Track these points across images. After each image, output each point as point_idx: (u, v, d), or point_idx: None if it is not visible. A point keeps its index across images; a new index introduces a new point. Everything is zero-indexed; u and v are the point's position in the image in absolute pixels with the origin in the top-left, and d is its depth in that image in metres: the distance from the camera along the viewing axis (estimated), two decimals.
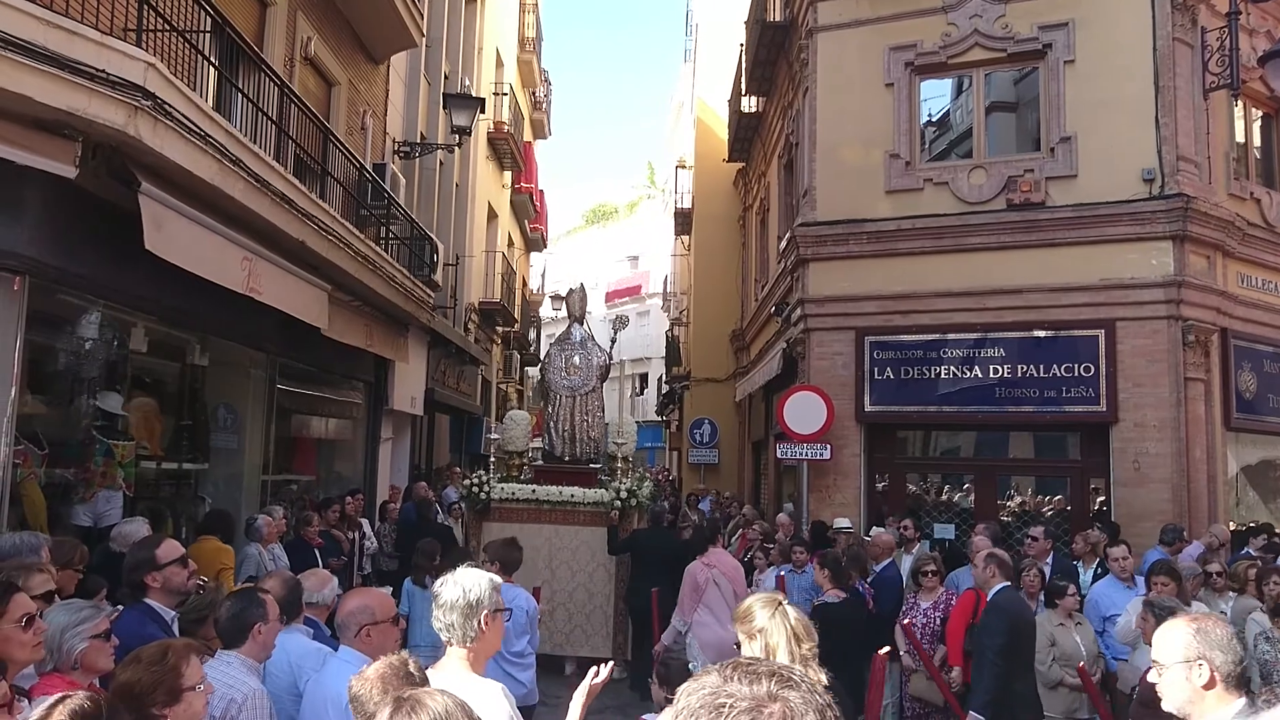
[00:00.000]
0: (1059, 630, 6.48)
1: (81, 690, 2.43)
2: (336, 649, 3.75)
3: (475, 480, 9.95)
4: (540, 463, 11.01)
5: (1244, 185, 11.41)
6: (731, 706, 1.19)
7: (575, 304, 11.31)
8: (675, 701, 1.26)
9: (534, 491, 9.87)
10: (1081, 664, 5.74)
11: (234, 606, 3.60)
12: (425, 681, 2.82)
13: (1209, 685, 2.75)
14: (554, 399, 10.81)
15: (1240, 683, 2.80)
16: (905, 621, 6.97)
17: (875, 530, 9.47)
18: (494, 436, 10.61)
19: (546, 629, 8.99)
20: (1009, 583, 6.10)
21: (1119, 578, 7.24)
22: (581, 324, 11.19)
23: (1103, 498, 10.61)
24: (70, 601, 3.44)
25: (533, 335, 29.42)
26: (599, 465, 10.78)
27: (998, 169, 11.01)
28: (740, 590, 7.35)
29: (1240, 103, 11.54)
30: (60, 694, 2.31)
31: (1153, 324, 10.25)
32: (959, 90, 11.85)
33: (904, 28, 11.59)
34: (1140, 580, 7.00)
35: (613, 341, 11.41)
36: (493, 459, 10.47)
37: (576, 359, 10.74)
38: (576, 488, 9.95)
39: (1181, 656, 2.80)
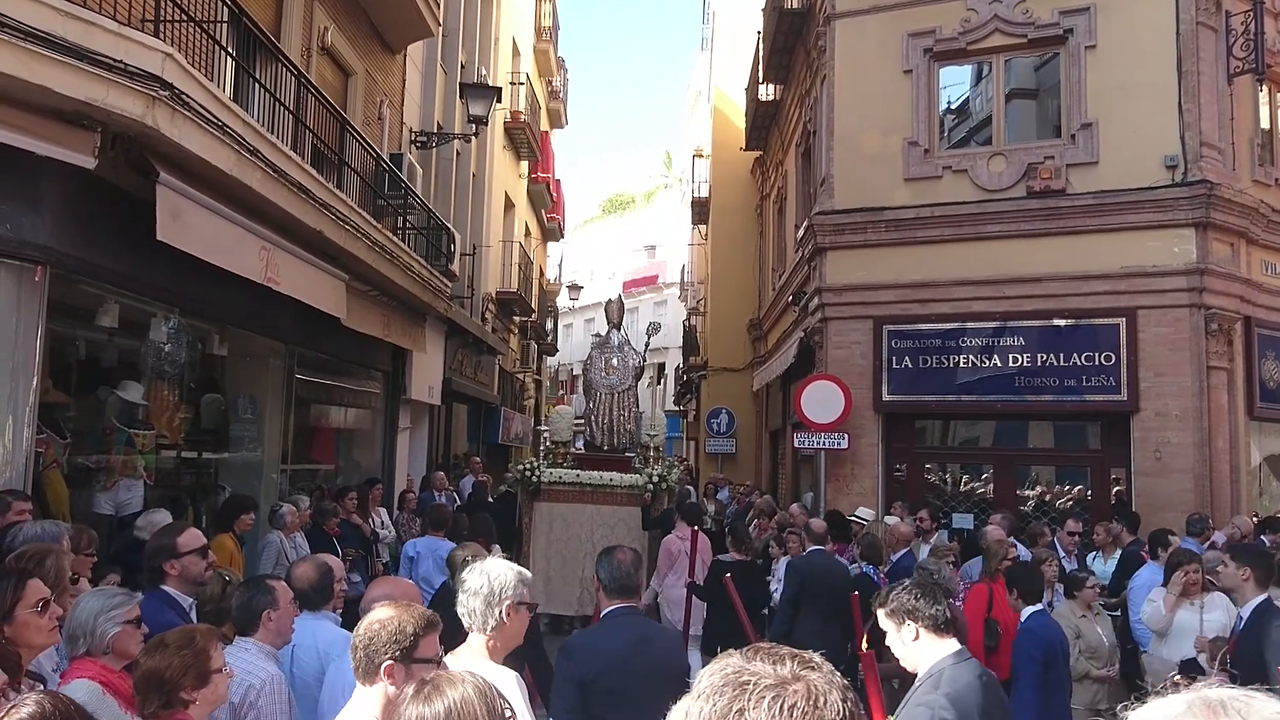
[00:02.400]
0: (1082, 622, 6.41)
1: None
2: None
3: (528, 466, 11.15)
4: (582, 450, 12.49)
5: (1269, 171, 11.26)
6: (755, 684, 1.22)
7: (613, 313, 12.55)
8: (698, 681, 1.28)
9: (578, 476, 11.09)
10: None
11: (243, 595, 3.65)
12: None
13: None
14: (595, 395, 12.09)
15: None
16: None
17: (892, 520, 9.44)
18: (545, 429, 12.74)
19: (588, 592, 10.33)
20: (821, 546, 7.29)
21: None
22: (619, 330, 12.40)
23: (1119, 487, 10.52)
24: (102, 588, 3.52)
25: (550, 325, 29.45)
26: (633, 454, 11.89)
27: (1018, 156, 10.91)
28: (706, 560, 8.25)
29: (1265, 88, 11.38)
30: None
31: (1175, 312, 10.14)
32: (978, 77, 11.74)
33: (923, 14, 11.49)
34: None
35: (646, 345, 12.60)
36: (543, 447, 12.48)
37: (615, 361, 12.06)
38: (615, 473, 11.15)
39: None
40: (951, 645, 3.38)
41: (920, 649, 3.40)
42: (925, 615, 3.37)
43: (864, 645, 4.23)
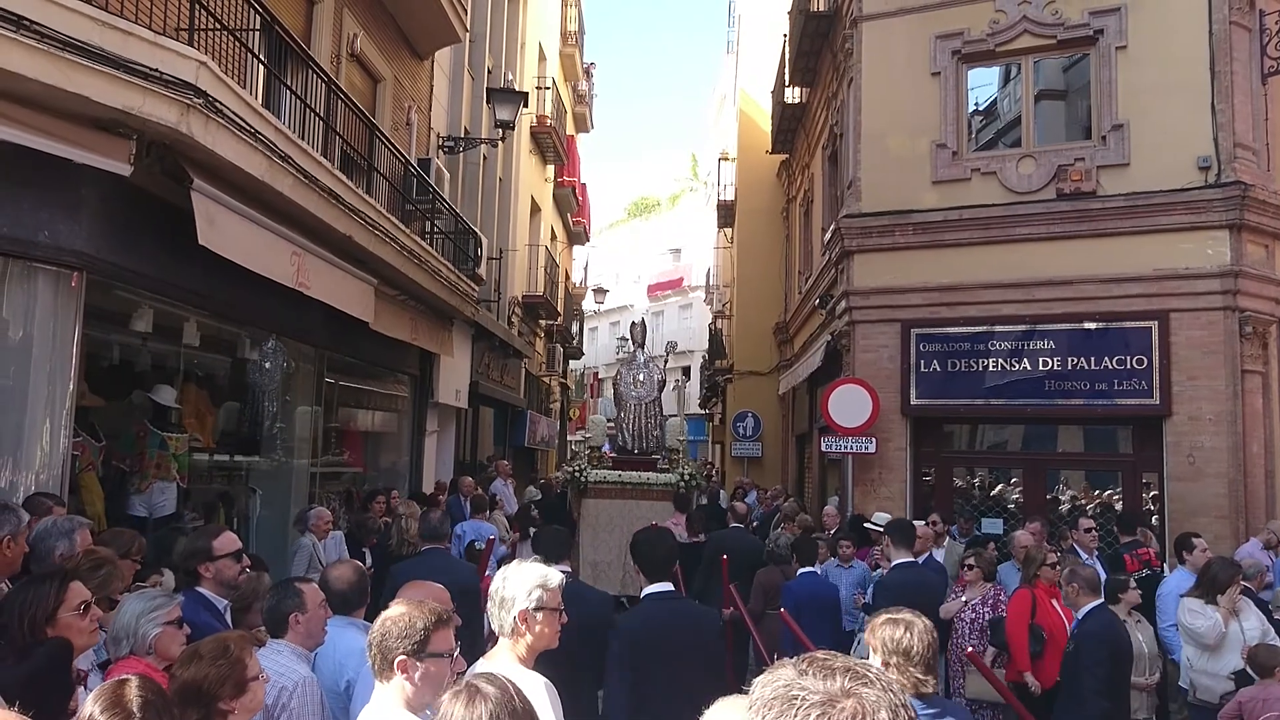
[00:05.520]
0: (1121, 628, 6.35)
1: (134, 674, 2.51)
2: None
3: (576, 468, 12.84)
4: (614, 455, 14.18)
5: None
6: (804, 700, 1.21)
7: (638, 334, 14.31)
8: (750, 692, 1.29)
9: (620, 476, 12.74)
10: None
11: (272, 599, 3.69)
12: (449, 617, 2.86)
13: None
14: (625, 406, 13.83)
15: None
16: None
17: (919, 524, 9.39)
18: (588, 434, 14.37)
19: (629, 575, 11.32)
20: (740, 525, 9.87)
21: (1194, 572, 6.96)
22: (643, 349, 14.21)
23: (1153, 491, 10.39)
24: (144, 590, 3.58)
25: (575, 328, 29.50)
26: (659, 456, 13.49)
27: (1047, 158, 10.81)
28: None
29: None
30: (117, 678, 2.38)
31: (1208, 315, 10.00)
32: (1007, 78, 11.64)
33: (951, 15, 11.41)
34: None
35: (665, 361, 14.45)
36: (572, 450, 14.37)
37: (641, 376, 13.85)
38: (650, 472, 12.87)
39: None
40: None
41: None
42: None
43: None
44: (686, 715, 3.80)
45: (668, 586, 4.18)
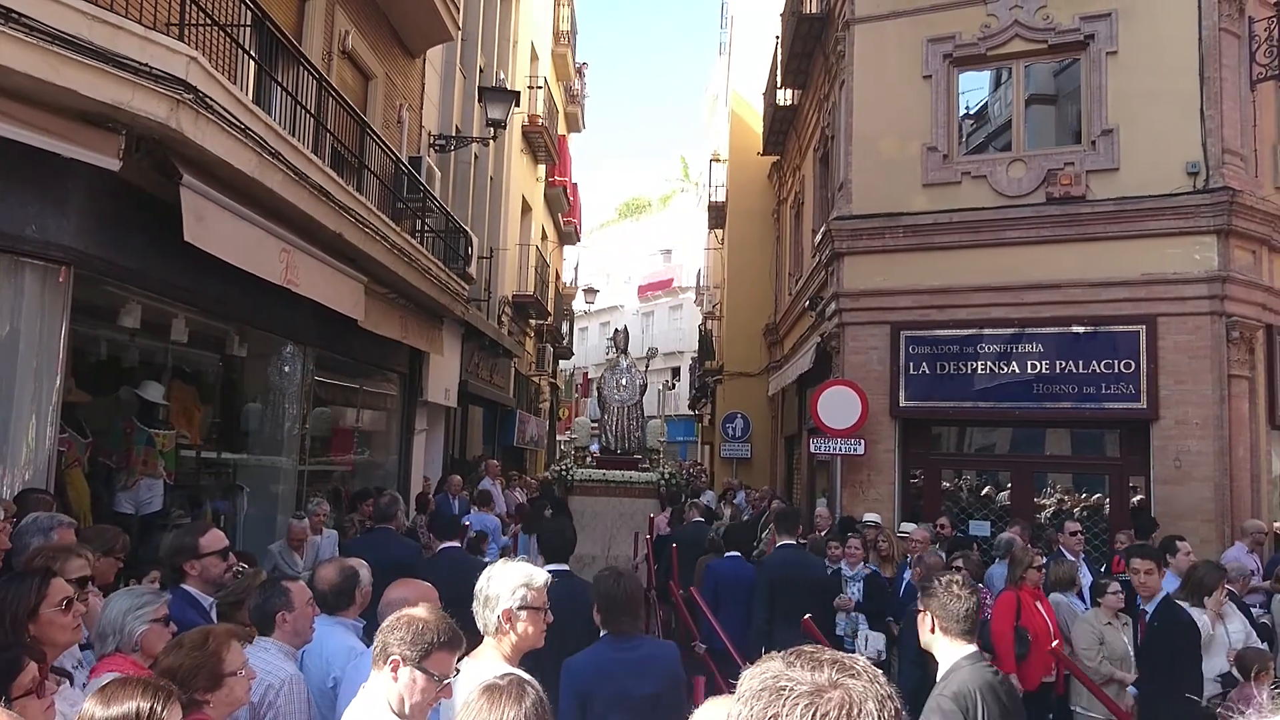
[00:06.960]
0: (1107, 629, 6.38)
1: (129, 673, 2.51)
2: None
3: (563, 466, 13.62)
4: (599, 454, 14.90)
5: None
6: (792, 690, 1.22)
7: (621, 341, 15.04)
8: (739, 684, 1.30)
9: (604, 475, 13.45)
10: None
11: (259, 597, 3.68)
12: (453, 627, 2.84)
13: None
14: (608, 408, 14.49)
15: None
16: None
17: (909, 526, 9.42)
18: (573, 434, 15.38)
19: (614, 568, 12.77)
20: (701, 520, 10.50)
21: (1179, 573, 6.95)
22: (626, 355, 14.90)
23: (1139, 495, 10.44)
24: (131, 587, 3.59)
25: (565, 328, 29.47)
26: (640, 456, 14.15)
27: (1037, 162, 10.85)
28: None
29: None
30: (118, 676, 2.37)
31: (1195, 320, 10.05)
32: (998, 82, 11.69)
33: (942, 19, 11.45)
34: None
35: (647, 367, 15.34)
36: (560, 449, 15.06)
37: (624, 380, 14.54)
38: (632, 471, 13.61)
39: None
40: (966, 649, 3.41)
41: (935, 643, 3.48)
42: (945, 613, 3.43)
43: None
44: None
45: (564, 567, 5.01)
